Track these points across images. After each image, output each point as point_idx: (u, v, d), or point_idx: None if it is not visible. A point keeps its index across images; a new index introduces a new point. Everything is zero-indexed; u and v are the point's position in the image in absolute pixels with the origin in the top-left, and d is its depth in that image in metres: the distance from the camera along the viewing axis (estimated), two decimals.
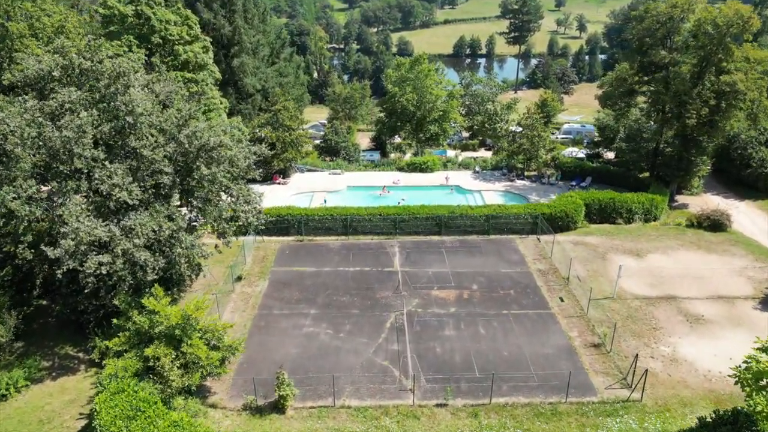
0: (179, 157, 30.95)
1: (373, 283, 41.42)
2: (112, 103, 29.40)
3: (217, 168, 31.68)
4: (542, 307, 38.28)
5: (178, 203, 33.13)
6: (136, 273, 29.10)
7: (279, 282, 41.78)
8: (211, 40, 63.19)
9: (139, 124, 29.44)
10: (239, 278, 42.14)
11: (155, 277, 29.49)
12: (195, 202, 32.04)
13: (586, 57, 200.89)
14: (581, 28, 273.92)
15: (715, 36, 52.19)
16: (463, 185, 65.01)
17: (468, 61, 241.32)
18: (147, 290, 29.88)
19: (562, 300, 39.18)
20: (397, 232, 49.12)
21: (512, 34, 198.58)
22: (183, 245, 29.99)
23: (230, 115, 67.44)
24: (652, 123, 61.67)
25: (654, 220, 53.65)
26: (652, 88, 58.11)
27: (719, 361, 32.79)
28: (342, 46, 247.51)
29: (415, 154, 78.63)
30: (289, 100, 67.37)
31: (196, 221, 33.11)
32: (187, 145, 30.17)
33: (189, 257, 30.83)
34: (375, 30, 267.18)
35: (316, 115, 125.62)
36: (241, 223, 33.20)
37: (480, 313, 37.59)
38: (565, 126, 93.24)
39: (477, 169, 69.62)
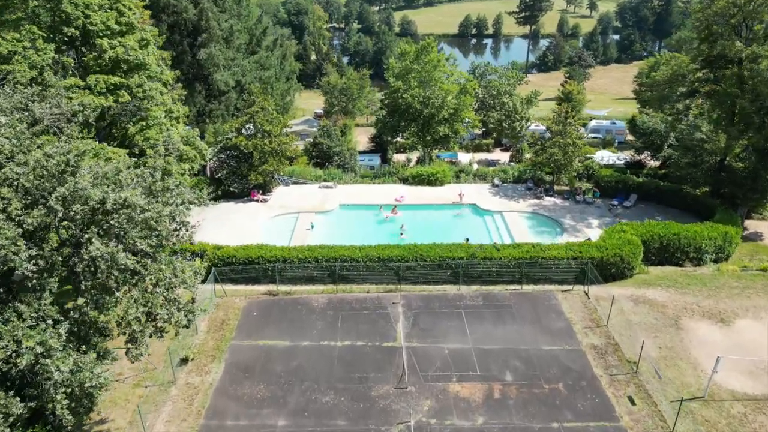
0: (56, 227, 19.54)
1: (369, 370, 30.12)
2: None
3: (122, 240, 20.27)
4: (606, 417, 26.95)
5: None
6: None
7: (239, 367, 30.48)
8: (172, 26, 51.53)
9: None
10: (185, 360, 30.86)
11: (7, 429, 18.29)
12: (86, 296, 20.51)
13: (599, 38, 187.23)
14: (592, 6, 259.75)
15: None
16: (480, 204, 53.49)
17: (474, 41, 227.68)
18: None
19: (632, 402, 27.89)
20: (402, 280, 37.81)
21: (523, 14, 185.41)
22: (60, 373, 18.66)
23: (199, 116, 55.77)
24: (710, 126, 49.76)
25: (726, 259, 42.27)
26: (720, 88, 46.26)
27: None
28: (342, 26, 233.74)
29: (421, 159, 66.89)
30: (269, 99, 55.55)
31: (90, 324, 21.41)
32: (61, 213, 18.77)
33: (74, 389, 19.48)
34: (377, 8, 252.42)
35: (314, 102, 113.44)
36: (162, 324, 21.78)
37: (521, 427, 26.35)
38: (592, 123, 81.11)
39: (496, 182, 57.98)
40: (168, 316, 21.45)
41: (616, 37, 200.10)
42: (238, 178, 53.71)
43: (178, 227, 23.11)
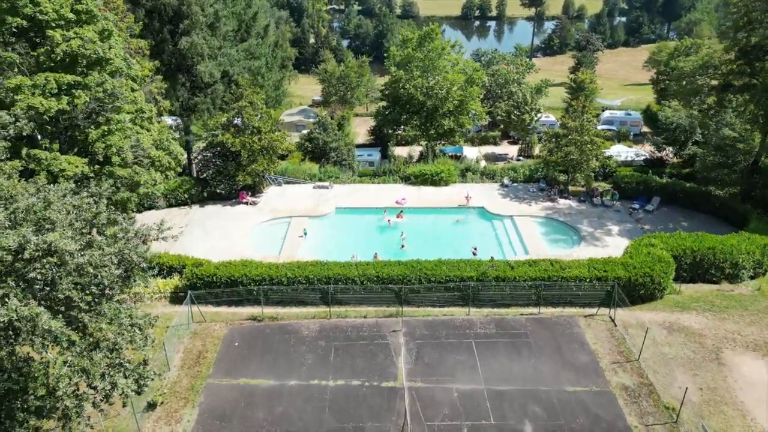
0: None
1: (365, 418, 25.97)
2: None
3: (53, 290, 15.97)
4: None
5: None
6: None
7: (215, 413, 26.31)
8: (150, 11, 46.83)
9: None
10: (153, 405, 26.69)
11: None
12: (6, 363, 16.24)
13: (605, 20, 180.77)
14: None
15: None
16: (488, 207, 49.10)
17: (477, 24, 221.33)
18: None
19: None
20: (404, 303, 33.52)
21: None
22: None
23: (183, 111, 51.14)
24: (743, 123, 45.29)
25: (763, 275, 38.02)
26: (757, 82, 41.63)
27: None
28: (342, 8, 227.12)
29: (424, 155, 62.15)
30: (259, 92, 50.93)
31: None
32: None
33: None
34: None
35: (312, 88, 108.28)
36: (101, 398, 17.58)
37: None
38: (606, 114, 76.08)
39: (506, 181, 53.56)
40: (111, 387, 17.23)
41: (623, 19, 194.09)
42: (225, 178, 49.32)
43: (129, 267, 18.75)
